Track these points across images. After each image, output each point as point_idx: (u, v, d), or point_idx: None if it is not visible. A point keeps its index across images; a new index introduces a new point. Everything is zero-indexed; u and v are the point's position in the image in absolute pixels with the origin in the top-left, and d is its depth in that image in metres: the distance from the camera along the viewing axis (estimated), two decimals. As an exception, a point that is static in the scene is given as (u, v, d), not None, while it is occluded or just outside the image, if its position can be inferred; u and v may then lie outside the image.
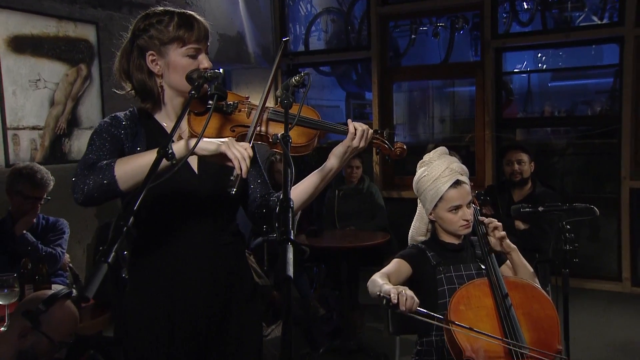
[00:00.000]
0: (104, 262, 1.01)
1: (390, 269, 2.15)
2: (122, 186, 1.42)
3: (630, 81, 4.90)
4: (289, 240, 1.03)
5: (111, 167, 1.41)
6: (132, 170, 1.41)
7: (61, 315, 1.98)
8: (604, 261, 5.33)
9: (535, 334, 1.97)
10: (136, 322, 1.53)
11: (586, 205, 2.22)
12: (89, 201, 1.44)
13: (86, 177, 1.43)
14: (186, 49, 1.56)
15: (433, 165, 2.22)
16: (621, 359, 3.75)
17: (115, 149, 1.54)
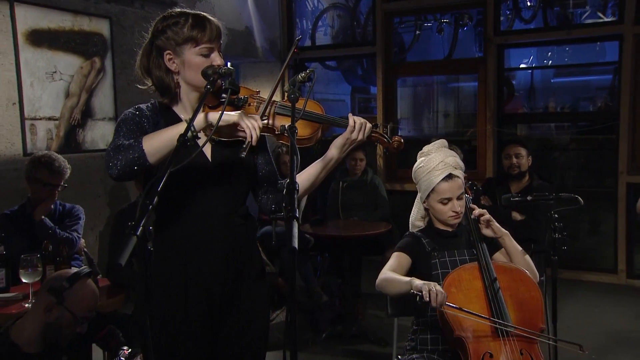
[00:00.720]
0: (134, 234, 1.16)
1: (394, 264, 2.27)
2: (151, 159, 1.56)
3: (628, 78, 5.02)
4: (295, 217, 1.18)
5: (140, 143, 1.56)
6: (158, 144, 1.56)
7: (83, 292, 2.15)
8: (601, 254, 5.47)
9: (521, 314, 2.12)
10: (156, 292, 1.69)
11: (571, 195, 2.36)
12: (123, 176, 1.59)
13: (118, 154, 1.58)
14: (199, 48, 1.71)
15: (430, 157, 2.35)
16: (612, 347, 3.89)
17: (141, 135, 1.69)
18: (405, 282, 2.03)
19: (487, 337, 2.06)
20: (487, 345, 2.05)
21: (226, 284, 1.78)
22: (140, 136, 1.64)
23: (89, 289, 2.18)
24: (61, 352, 2.15)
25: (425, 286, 1.91)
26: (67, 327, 2.10)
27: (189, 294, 1.74)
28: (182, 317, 1.74)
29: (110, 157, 1.60)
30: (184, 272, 1.74)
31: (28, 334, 2.09)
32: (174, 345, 1.76)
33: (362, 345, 3.98)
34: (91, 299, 2.17)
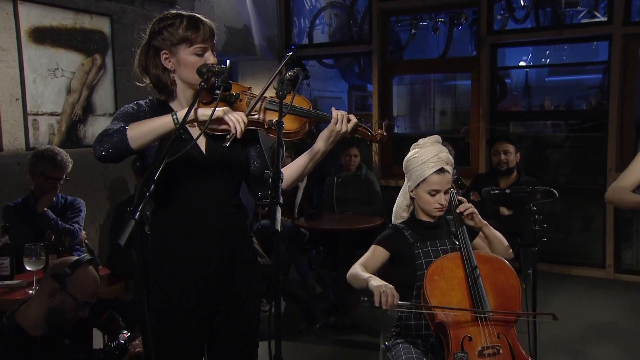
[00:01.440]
0: (132, 218, 1.27)
1: (367, 257, 2.43)
2: (132, 144, 1.66)
3: (617, 77, 5.13)
4: (278, 204, 1.30)
5: (124, 129, 1.67)
6: (140, 131, 1.66)
7: (84, 278, 2.26)
8: (590, 249, 5.59)
9: (499, 300, 2.24)
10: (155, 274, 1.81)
11: (546, 188, 2.48)
12: (105, 157, 1.69)
13: (104, 137, 1.69)
14: (194, 48, 1.83)
15: (424, 150, 2.46)
16: (596, 337, 4.02)
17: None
18: (364, 280, 2.18)
19: (467, 322, 2.18)
20: (466, 330, 2.16)
21: (221, 268, 1.90)
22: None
23: (90, 275, 2.29)
24: (63, 335, 2.26)
25: (377, 290, 2.04)
26: (69, 311, 2.22)
27: (186, 278, 1.86)
28: (180, 301, 1.86)
29: (97, 139, 1.71)
30: (181, 258, 1.86)
31: (33, 318, 2.20)
32: (172, 328, 1.87)
33: (354, 336, 4.11)
34: (92, 285, 2.29)
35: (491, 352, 2.11)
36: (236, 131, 1.61)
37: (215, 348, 2.02)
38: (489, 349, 2.11)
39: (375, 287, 2.07)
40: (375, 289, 2.06)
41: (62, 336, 2.25)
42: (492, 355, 2.11)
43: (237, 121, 1.63)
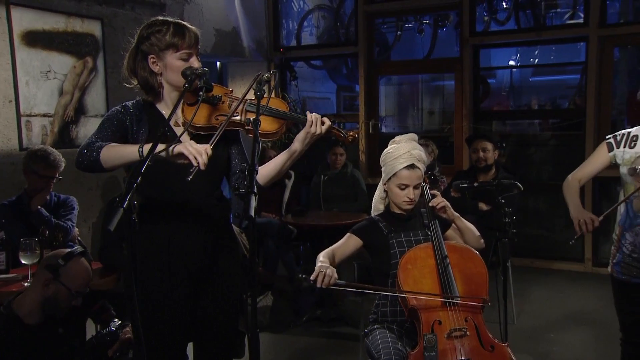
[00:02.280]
0: (121, 206, 1.41)
1: (340, 244, 2.59)
2: (104, 165, 1.85)
3: (593, 78, 5.31)
4: (253, 193, 1.45)
5: (100, 150, 1.84)
6: (112, 156, 1.84)
7: (77, 269, 2.39)
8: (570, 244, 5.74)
9: (467, 286, 2.39)
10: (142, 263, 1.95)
11: (511, 182, 2.64)
12: (82, 169, 1.89)
13: (84, 150, 1.86)
14: (180, 53, 1.97)
15: (399, 146, 2.61)
16: (571, 326, 4.19)
17: (118, 132, 1.96)
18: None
19: (437, 307, 2.33)
20: (437, 314, 2.31)
21: (204, 256, 2.05)
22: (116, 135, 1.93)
23: (82, 266, 2.42)
24: (58, 324, 2.39)
25: (317, 269, 2.23)
26: (63, 300, 2.35)
27: (172, 266, 2.00)
28: (167, 287, 2.00)
29: (81, 149, 1.89)
30: (167, 247, 2.00)
31: (28, 307, 2.33)
32: (158, 313, 2.01)
33: (340, 328, 4.26)
34: (84, 275, 2.42)
35: (459, 334, 2.26)
36: (199, 163, 1.70)
37: (199, 333, 2.16)
38: (457, 331, 2.26)
39: (317, 267, 2.26)
40: (316, 269, 2.24)
41: (56, 325, 2.37)
42: (460, 337, 2.26)
43: (197, 153, 1.71)
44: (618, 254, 2.56)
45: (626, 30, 5.35)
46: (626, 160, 2.49)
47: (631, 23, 5.63)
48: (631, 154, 2.48)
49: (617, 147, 2.56)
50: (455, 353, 2.22)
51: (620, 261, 2.55)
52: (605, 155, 2.60)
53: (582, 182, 2.69)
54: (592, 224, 2.41)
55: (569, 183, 2.65)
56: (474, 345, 2.26)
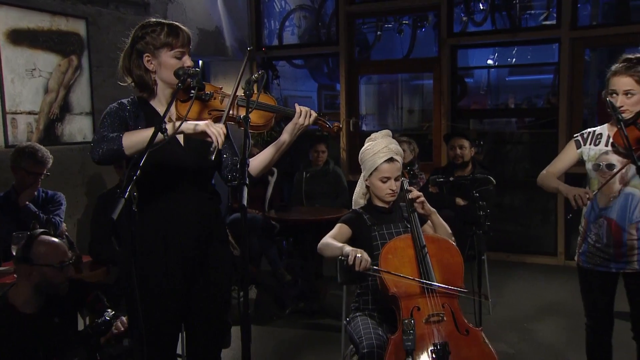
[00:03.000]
0: (122, 197, 1.52)
1: (335, 232, 2.68)
2: (127, 152, 1.92)
3: (565, 78, 5.52)
4: (245, 184, 1.56)
5: (120, 138, 1.92)
6: (134, 141, 1.91)
7: (44, 246, 2.45)
8: (543, 238, 5.98)
9: (444, 275, 2.53)
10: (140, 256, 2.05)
11: (484, 176, 2.80)
12: (103, 161, 1.95)
13: (101, 144, 1.93)
14: (174, 52, 2.08)
15: (376, 142, 2.74)
16: (543, 316, 4.37)
17: (122, 126, 2.05)
18: (339, 248, 2.45)
19: (416, 294, 2.46)
20: (415, 301, 2.45)
21: (198, 245, 2.16)
22: (121, 127, 2.00)
23: (46, 241, 2.47)
24: (53, 313, 2.47)
25: (352, 252, 2.33)
26: (53, 277, 2.41)
27: (168, 255, 2.11)
28: (162, 276, 2.10)
29: (95, 144, 1.96)
30: (164, 238, 2.10)
31: (22, 298, 2.41)
32: (153, 303, 2.10)
33: (322, 320, 4.39)
34: (53, 248, 2.47)
35: (436, 319, 2.40)
36: (218, 143, 1.84)
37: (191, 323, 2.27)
38: (434, 316, 2.40)
39: (352, 250, 2.36)
40: (351, 252, 2.35)
41: (52, 315, 2.46)
42: (437, 322, 2.40)
43: (218, 134, 1.86)
44: (584, 244, 2.73)
45: (596, 33, 5.57)
46: (591, 157, 2.66)
47: (601, 26, 5.87)
48: (596, 151, 2.65)
49: (584, 144, 2.72)
50: (432, 337, 2.36)
51: (585, 251, 2.71)
52: (574, 152, 2.76)
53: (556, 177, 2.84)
54: (587, 195, 2.46)
55: (546, 174, 2.78)
56: (450, 329, 2.40)
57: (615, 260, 2.60)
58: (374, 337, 2.45)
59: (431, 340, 2.34)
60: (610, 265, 2.62)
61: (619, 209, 2.56)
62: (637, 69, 2.50)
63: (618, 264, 2.60)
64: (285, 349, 3.94)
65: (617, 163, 2.56)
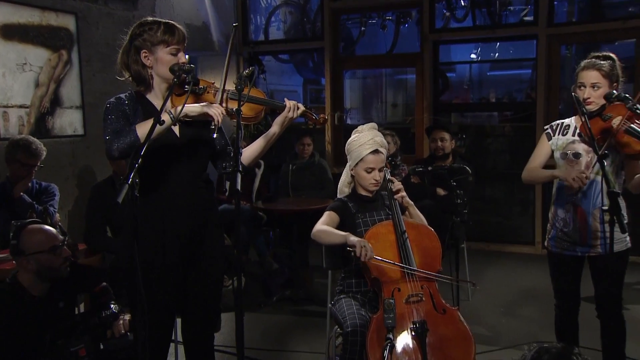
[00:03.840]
0: (126, 182, 1.66)
1: (326, 219, 2.83)
2: (142, 140, 2.02)
3: (542, 73, 5.72)
4: (238, 171, 1.71)
5: (134, 130, 2.06)
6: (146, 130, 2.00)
7: (33, 235, 2.54)
8: (522, 228, 6.20)
9: (423, 259, 2.70)
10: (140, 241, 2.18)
11: (460, 166, 2.97)
12: (123, 154, 2.07)
13: (118, 138, 2.07)
14: (170, 49, 2.22)
15: (362, 134, 2.90)
16: (520, 301, 4.58)
17: (125, 119, 2.19)
18: (342, 236, 2.60)
19: (397, 276, 2.63)
20: (396, 283, 2.62)
21: (194, 231, 2.30)
22: (126, 120, 2.14)
23: (34, 229, 2.56)
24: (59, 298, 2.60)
25: (359, 243, 2.48)
26: (50, 261, 2.51)
27: (165, 240, 2.24)
28: (161, 259, 2.24)
29: (110, 142, 2.09)
30: (162, 224, 2.24)
31: (28, 282, 2.53)
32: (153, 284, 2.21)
33: (307, 306, 4.55)
34: (44, 233, 2.56)
35: (415, 299, 2.57)
36: (218, 121, 2.02)
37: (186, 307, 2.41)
38: (414, 296, 2.57)
39: (357, 241, 2.50)
40: (357, 243, 2.49)
41: (58, 299, 2.58)
42: (416, 302, 2.57)
43: (219, 113, 2.05)
44: (552, 229, 2.91)
45: (572, 30, 5.78)
46: (559, 146, 2.84)
47: (576, 23, 6.08)
48: (563, 141, 2.83)
49: (553, 135, 2.90)
50: (412, 316, 2.53)
51: (554, 236, 2.90)
52: (547, 144, 2.94)
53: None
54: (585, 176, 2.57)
55: (530, 169, 2.94)
56: (428, 309, 2.58)
57: (581, 244, 2.79)
58: (357, 317, 2.61)
59: (411, 318, 2.51)
60: (577, 249, 2.81)
61: (584, 195, 2.75)
62: (603, 64, 2.69)
63: (584, 247, 2.79)
64: (272, 334, 4.09)
65: (583, 152, 2.75)
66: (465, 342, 2.50)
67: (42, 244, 2.52)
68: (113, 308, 2.72)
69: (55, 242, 2.55)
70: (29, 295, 2.50)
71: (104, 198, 3.68)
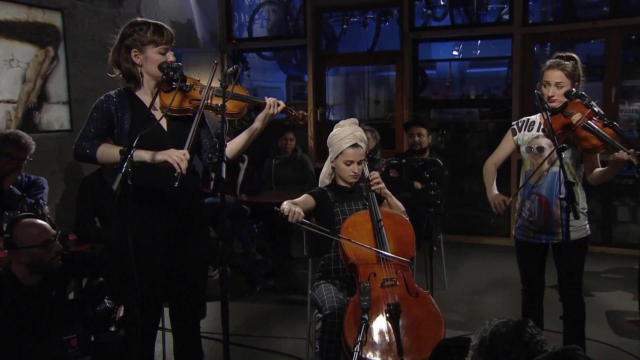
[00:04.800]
0: (120, 171, 1.80)
1: (299, 199, 3.00)
2: (98, 160, 2.27)
3: (517, 70, 5.93)
4: (223, 161, 1.87)
5: (95, 148, 2.26)
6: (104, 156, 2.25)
7: (25, 229, 2.65)
8: (498, 221, 6.41)
9: (397, 246, 2.87)
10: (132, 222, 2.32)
11: (432, 158, 3.15)
12: (77, 157, 2.32)
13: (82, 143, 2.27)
14: (159, 48, 2.37)
15: (343, 129, 3.07)
16: (492, 289, 4.79)
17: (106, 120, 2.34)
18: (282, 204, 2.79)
19: (373, 262, 2.80)
20: (372, 268, 2.78)
21: (181, 218, 2.45)
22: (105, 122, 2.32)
23: (28, 224, 2.67)
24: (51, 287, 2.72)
25: (286, 206, 2.71)
26: (41, 255, 2.62)
27: (154, 225, 2.39)
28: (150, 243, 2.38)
29: (77, 141, 2.29)
30: (151, 210, 2.39)
31: (21, 274, 2.65)
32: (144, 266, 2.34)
33: (290, 296, 4.72)
34: (36, 228, 2.67)
35: (390, 283, 2.74)
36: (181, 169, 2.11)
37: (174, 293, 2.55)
38: (389, 280, 2.74)
39: (286, 204, 2.74)
40: (285, 206, 2.72)
41: (50, 288, 2.71)
42: (390, 286, 2.74)
43: (179, 160, 2.13)
44: (519, 219, 3.11)
45: (545, 30, 6.00)
46: (525, 141, 3.04)
47: (549, 23, 6.30)
48: (529, 136, 3.03)
49: (519, 131, 3.10)
50: (386, 298, 2.69)
51: (520, 225, 3.10)
52: (510, 140, 3.14)
53: (498, 165, 3.21)
54: (504, 203, 2.91)
55: (487, 169, 3.16)
56: (401, 292, 2.75)
57: (546, 232, 2.99)
58: (335, 300, 2.78)
59: (385, 301, 2.68)
60: (541, 236, 3.01)
61: (547, 186, 2.94)
62: (567, 64, 2.88)
63: (548, 235, 2.98)
64: (256, 321, 4.25)
65: (546, 146, 2.94)
66: (436, 323, 2.67)
67: (35, 239, 2.61)
68: (107, 303, 2.85)
69: (47, 236, 2.64)
70: (22, 286, 2.62)
71: (93, 190, 3.81)
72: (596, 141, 2.74)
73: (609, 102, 5.79)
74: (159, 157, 2.16)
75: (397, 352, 2.47)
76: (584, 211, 2.98)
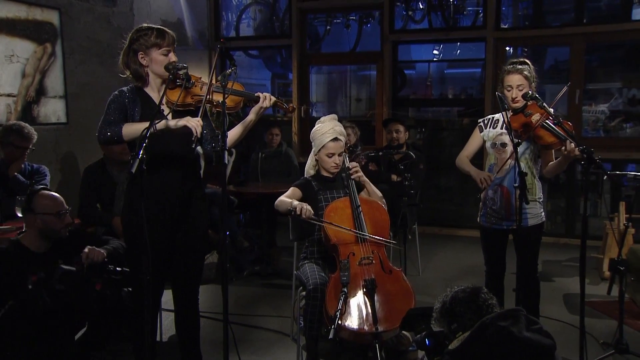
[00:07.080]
0: (137, 157, 2.11)
1: (289, 193, 3.33)
2: (125, 138, 2.56)
3: (490, 72, 6.31)
4: (225, 149, 2.19)
5: (120, 128, 2.55)
6: (130, 132, 2.54)
7: (43, 198, 3.04)
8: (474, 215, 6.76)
9: (374, 229, 3.21)
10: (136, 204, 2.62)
11: (406, 152, 3.48)
12: (105, 143, 2.60)
13: (107, 128, 2.56)
14: (162, 50, 2.68)
15: (324, 124, 3.40)
16: (463, 276, 5.15)
17: (123, 110, 2.64)
18: (289, 202, 3.10)
19: (352, 243, 3.14)
20: (351, 248, 3.12)
21: (182, 200, 2.76)
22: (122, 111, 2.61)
23: (46, 194, 3.07)
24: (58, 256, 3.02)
25: (299, 205, 3.00)
26: (54, 223, 2.99)
27: (158, 207, 2.69)
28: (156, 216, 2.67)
29: (101, 128, 2.58)
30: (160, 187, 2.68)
31: (31, 240, 2.97)
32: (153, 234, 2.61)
33: (275, 280, 5.04)
34: (51, 199, 3.06)
35: (367, 262, 3.08)
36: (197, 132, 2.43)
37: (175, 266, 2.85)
38: (365, 259, 3.08)
39: (298, 204, 3.02)
40: (297, 205, 3.01)
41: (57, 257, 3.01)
42: (367, 264, 3.08)
43: (197, 126, 2.45)
44: (484, 208, 3.47)
45: (516, 34, 6.39)
46: (490, 137, 3.39)
47: (520, 28, 6.70)
48: (493, 133, 3.38)
49: (485, 128, 3.45)
50: (364, 275, 3.03)
51: (484, 213, 3.45)
52: (478, 136, 3.49)
53: (469, 158, 3.55)
54: (490, 178, 3.22)
55: (461, 160, 3.49)
56: (377, 269, 3.09)
57: (507, 219, 3.35)
58: (318, 277, 3.11)
59: (362, 277, 3.01)
60: (503, 223, 3.37)
61: (509, 178, 3.30)
62: (522, 67, 3.24)
63: (508, 222, 3.35)
64: (243, 303, 4.56)
65: (508, 142, 3.29)
66: (406, 296, 3.02)
67: (50, 208, 3.00)
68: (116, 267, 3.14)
69: (61, 208, 3.03)
70: (31, 253, 2.93)
71: (95, 178, 4.11)
72: (552, 138, 3.10)
73: (574, 103, 6.20)
74: (180, 123, 2.48)
75: (373, 322, 2.80)
76: (540, 200, 3.35)
